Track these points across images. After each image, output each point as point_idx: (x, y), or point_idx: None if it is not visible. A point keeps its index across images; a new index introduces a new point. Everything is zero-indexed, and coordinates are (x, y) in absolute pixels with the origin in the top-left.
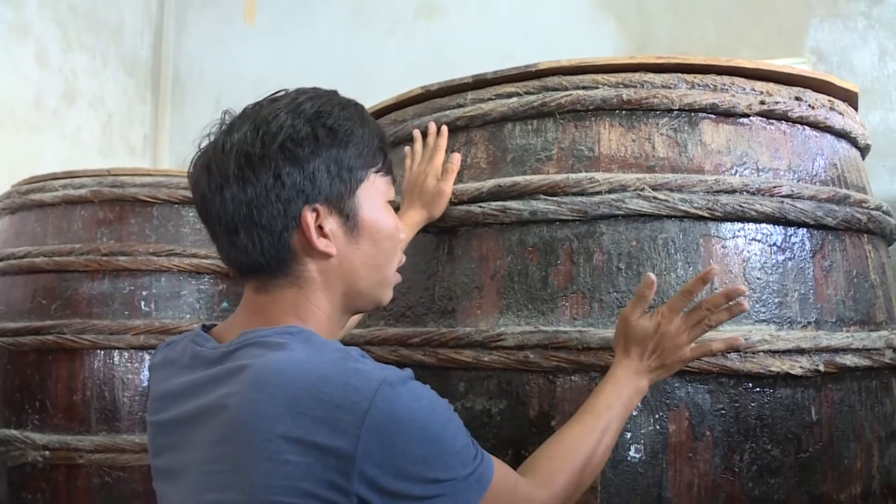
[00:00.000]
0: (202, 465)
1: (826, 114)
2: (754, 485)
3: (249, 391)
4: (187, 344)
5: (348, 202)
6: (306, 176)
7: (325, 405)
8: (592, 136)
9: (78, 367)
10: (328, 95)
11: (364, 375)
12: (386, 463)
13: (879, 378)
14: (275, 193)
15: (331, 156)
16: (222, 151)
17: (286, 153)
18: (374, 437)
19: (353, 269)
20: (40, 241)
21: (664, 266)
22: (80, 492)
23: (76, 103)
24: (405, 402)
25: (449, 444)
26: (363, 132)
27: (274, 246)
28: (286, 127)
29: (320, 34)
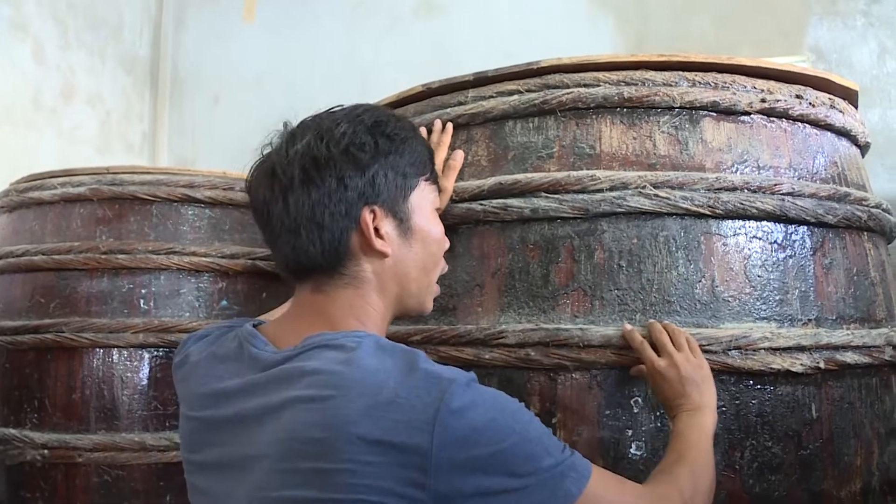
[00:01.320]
0: (275, 461)
1: (826, 112)
2: (755, 482)
3: (329, 395)
4: (241, 342)
5: (402, 206)
6: (367, 180)
7: (401, 407)
8: (594, 133)
9: (77, 365)
10: (382, 109)
11: (434, 377)
12: (460, 459)
13: (879, 375)
14: (338, 195)
15: (389, 162)
16: (286, 157)
17: (349, 157)
18: (447, 432)
19: (406, 270)
20: (39, 240)
21: (665, 264)
22: (79, 490)
23: (74, 101)
24: (472, 399)
25: (522, 434)
26: (415, 142)
27: (334, 245)
28: (349, 134)
29: (320, 32)
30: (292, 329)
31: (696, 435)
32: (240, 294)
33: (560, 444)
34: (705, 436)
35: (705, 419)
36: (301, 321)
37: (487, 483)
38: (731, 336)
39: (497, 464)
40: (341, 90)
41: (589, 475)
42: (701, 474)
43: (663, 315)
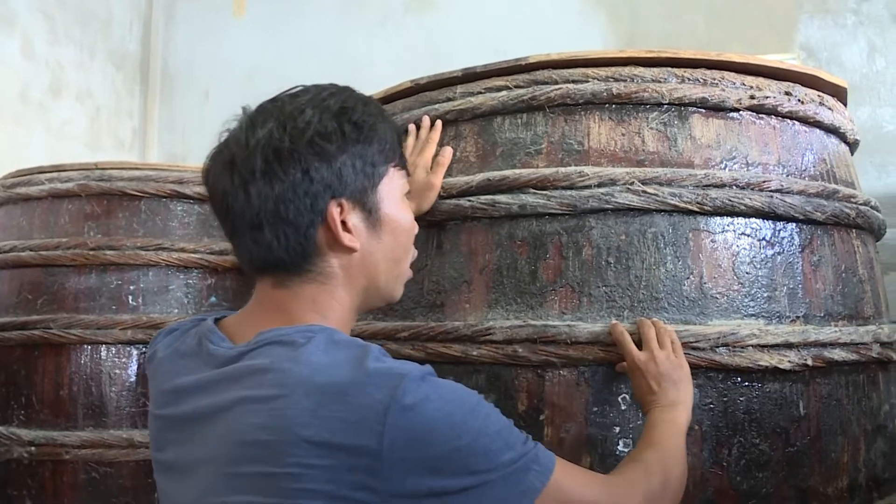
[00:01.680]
0: (221, 465)
1: (815, 109)
2: (742, 479)
3: (275, 395)
4: (200, 338)
5: (371, 197)
6: (333, 171)
7: (349, 406)
8: (582, 129)
9: (64, 362)
10: (349, 91)
11: (385, 373)
12: (414, 459)
13: (867, 372)
14: (303, 188)
15: (356, 151)
16: (246, 147)
17: (315, 148)
18: (399, 431)
19: (375, 263)
20: (26, 235)
21: (653, 260)
22: (67, 488)
23: (63, 96)
24: (426, 395)
25: (480, 429)
26: (384, 127)
27: (299, 241)
28: (314, 122)
29: (310, 27)
30: (250, 324)
31: (668, 429)
32: (229, 290)
33: (522, 436)
34: (678, 431)
35: (679, 415)
36: (259, 316)
37: (445, 483)
38: (719, 333)
39: (454, 462)
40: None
41: (553, 468)
42: (671, 467)
43: (651, 312)
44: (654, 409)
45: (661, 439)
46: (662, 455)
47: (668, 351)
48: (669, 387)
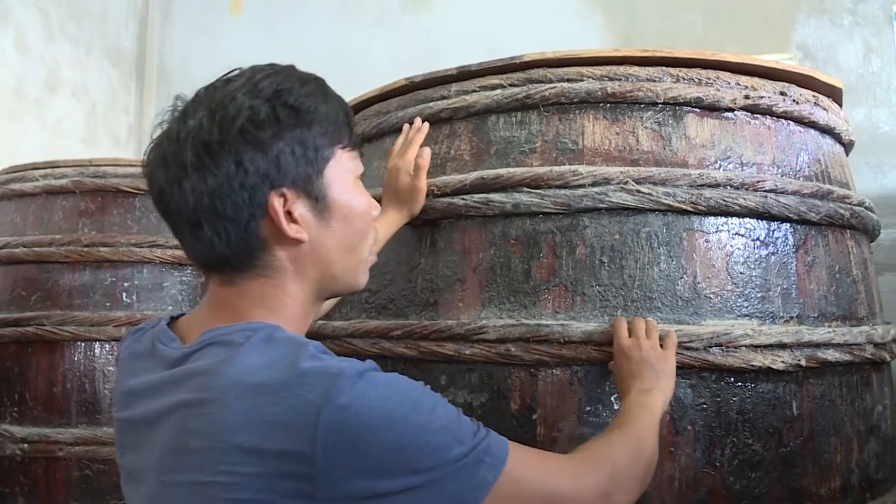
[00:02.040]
0: (159, 473)
1: (811, 109)
2: (735, 479)
3: (207, 399)
4: (153, 339)
5: (316, 183)
6: (270, 160)
7: (280, 409)
8: (576, 128)
9: (58, 358)
10: (286, 71)
11: (319, 372)
12: (353, 461)
13: (860, 373)
14: (238, 181)
15: (294, 136)
16: (177, 140)
17: (247, 137)
18: (333, 435)
19: (327, 253)
20: (20, 232)
21: (647, 260)
22: (60, 485)
23: (59, 92)
24: (362, 392)
25: (424, 425)
26: (327, 108)
27: (241, 237)
28: (244, 109)
29: (307, 25)
30: (199, 323)
31: (641, 413)
32: None
33: (472, 426)
34: (651, 415)
35: (654, 400)
36: (207, 315)
37: (388, 484)
38: (712, 333)
39: (397, 462)
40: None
41: (506, 457)
42: (639, 449)
43: (645, 311)
44: (630, 393)
45: (631, 421)
46: (631, 436)
47: (655, 342)
48: (649, 373)
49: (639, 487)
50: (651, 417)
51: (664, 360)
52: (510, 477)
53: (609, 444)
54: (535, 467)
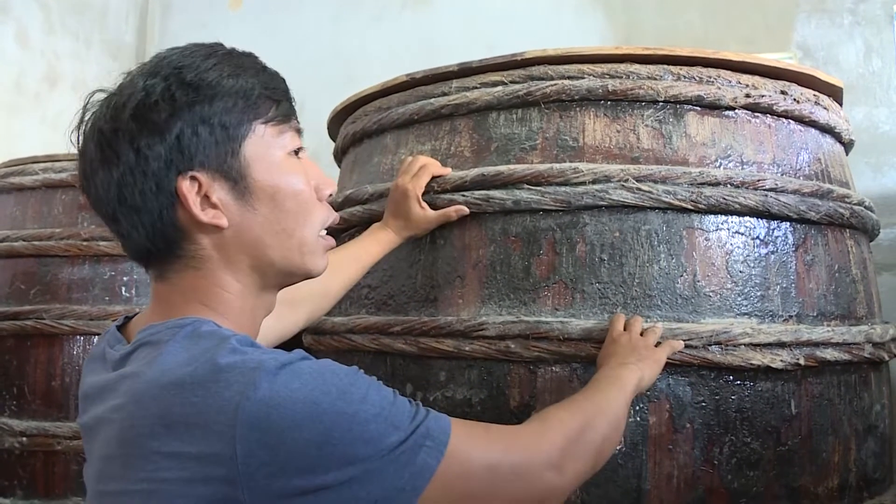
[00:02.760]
0: (95, 482)
1: (811, 108)
2: (733, 477)
3: (127, 405)
4: (105, 340)
5: (233, 164)
6: (170, 144)
7: (196, 409)
8: (577, 126)
9: (57, 352)
10: (197, 48)
11: (237, 367)
12: (278, 459)
13: (858, 372)
14: (140, 169)
15: (195, 115)
16: (84, 133)
17: (140, 122)
18: (254, 432)
19: (255, 238)
20: (19, 225)
21: (647, 258)
22: (58, 478)
23: (58, 87)
24: (284, 384)
25: (355, 414)
26: (235, 82)
27: (157, 227)
28: (137, 92)
29: (306, 20)
30: (141, 322)
31: (610, 384)
32: None
33: (409, 409)
34: (620, 388)
35: (628, 373)
36: (148, 313)
37: (320, 480)
38: (711, 331)
39: (328, 456)
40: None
41: (447, 438)
42: (597, 420)
43: (644, 309)
44: (605, 366)
45: (596, 391)
46: (591, 405)
47: (648, 339)
48: (631, 354)
49: (595, 458)
50: (620, 390)
51: (652, 350)
52: (455, 458)
53: (566, 413)
54: (481, 444)
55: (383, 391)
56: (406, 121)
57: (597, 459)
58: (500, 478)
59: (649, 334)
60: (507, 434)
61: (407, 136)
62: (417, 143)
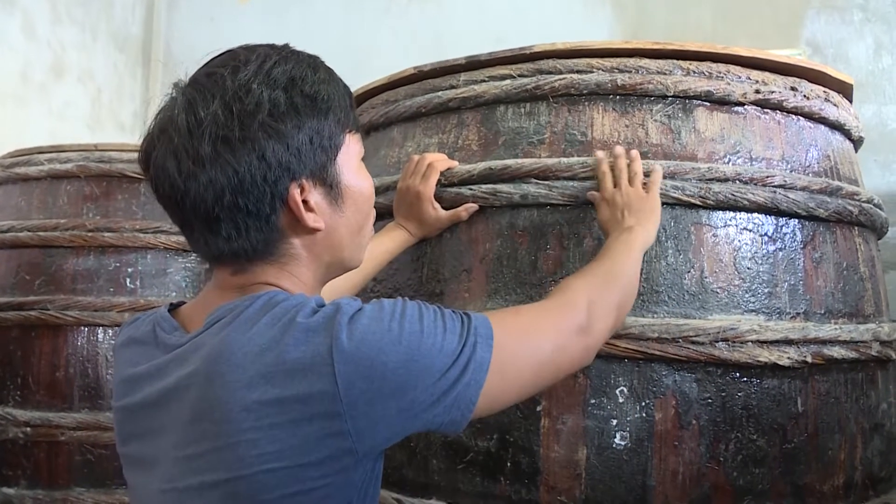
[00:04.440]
0: (177, 449)
1: (821, 105)
2: (739, 474)
3: (215, 365)
4: (154, 325)
5: (331, 171)
6: (292, 152)
7: (291, 358)
8: (586, 120)
9: (61, 343)
10: (294, 56)
11: (320, 316)
12: (374, 385)
13: (865, 370)
14: (261, 175)
15: (313, 126)
16: (189, 134)
17: (268, 131)
18: (349, 366)
19: (340, 238)
20: (24, 216)
21: (654, 253)
22: (62, 469)
23: (64, 77)
24: (361, 323)
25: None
26: (338, 94)
27: (261, 230)
28: (264, 102)
29: (314, 13)
30: (203, 309)
31: (620, 247)
32: None
33: (457, 317)
34: (629, 249)
35: (634, 236)
36: (215, 300)
37: (410, 395)
38: (718, 328)
39: (413, 372)
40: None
41: (492, 332)
42: (614, 281)
43: (651, 305)
44: (612, 234)
45: (608, 257)
46: (606, 269)
47: (638, 188)
48: (630, 216)
49: (616, 316)
50: (629, 251)
51: (646, 200)
52: (501, 347)
53: (584, 281)
54: (518, 329)
55: (431, 307)
56: (413, 114)
57: (618, 316)
58: (541, 353)
59: (636, 181)
60: (536, 313)
61: (414, 129)
62: (425, 136)
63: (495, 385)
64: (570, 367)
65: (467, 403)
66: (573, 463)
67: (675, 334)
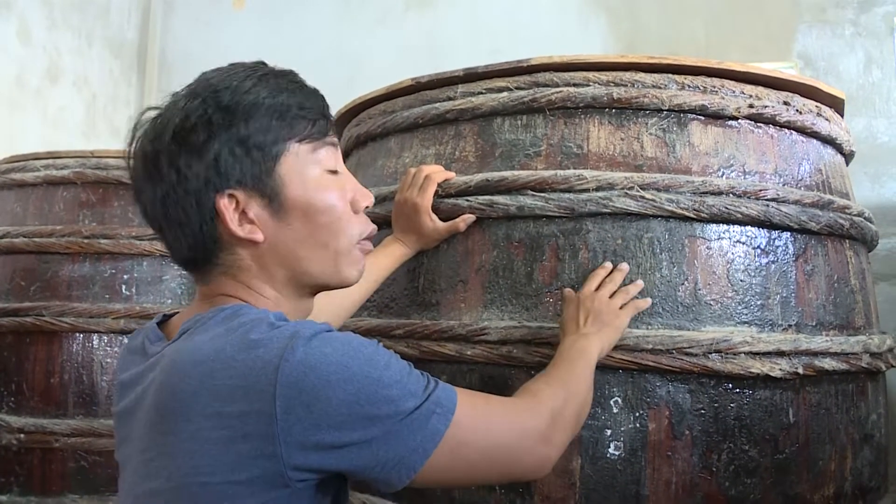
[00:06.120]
0: (137, 455)
1: (813, 119)
2: (731, 484)
3: (168, 375)
4: (144, 334)
5: (268, 182)
6: (208, 164)
7: (237, 372)
8: (582, 133)
9: (56, 349)
10: (239, 69)
11: (276, 335)
12: (312, 416)
13: (856, 382)
14: (182, 188)
15: (231, 136)
16: (129, 151)
17: (179, 143)
18: (291, 391)
19: (290, 251)
20: (20, 222)
21: (649, 265)
22: (55, 476)
23: (60, 83)
24: (318, 349)
25: (379, 378)
26: (272, 102)
27: (198, 240)
28: (177, 115)
29: (310, 21)
30: (182, 320)
31: (575, 355)
32: None
33: (422, 380)
34: (584, 359)
35: (590, 344)
36: (193, 308)
37: (346, 437)
38: (711, 339)
39: (355, 415)
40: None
41: (454, 407)
42: (574, 392)
43: (645, 316)
44: (568, 336)
45: (567, 365)
46: (565, 381)
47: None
48: (591, 323)
49: (574, 427)
50: (584, 361)
51: (614, 315)
52: (459, 425)
53: (551, 389)
54: (482, 413)
55: (401, 362)
56: (411, 125)
57: (575, 429)
58: (499, 447)
59: (617, 297)
60: (504, 405)
61: (411, 140)
62: (422, 147)
63: (443, 461)
64: (522, 470)
65: (408, 469)
66: (567, 472)
67: (669, 345)
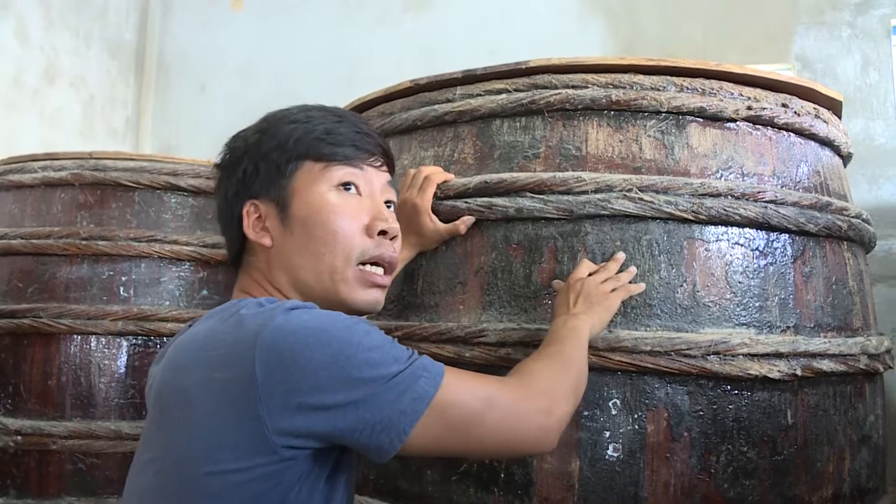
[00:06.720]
0: (145, 428)
1: (811, 121)
2: (729, 486)
3: (171, 354)
4: None
5: (283, 193)
6: (238, 177)
7: (224, 343)
8: (580, 135)
9: (53, 351)
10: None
11: (262, 311)
12: (292, 378)
13: (854, 383)
14: (225, 199)
15: (257, 153)
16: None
17: (228, 163)
18: (271, 354)
19: (289, 257)
20: (18, 223)
21: (647, 267)
22: (52, 478)
23: (57, 83)
24: (297, 316)
25: (359, 342)
26: (293, 127)
27: (232, 240)
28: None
29: (308, 21)
30: None
31: (566, 334)
32: (220, 284)
33: (408, 351)
34: (576, 337)
35: (580, 323)
36: None
37: (329, 399)
38: (710, 341)
39: (336, 377)
40: (329, 81)
41: (442, 372)
42: (569, 367)
43: (644, 318)
44: (559, 317)
45: (555, 342)
46: (557, 359)
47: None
48: (581, 303)
49: (573, 401)
50: (576, 339)
51: (604, 297)
52: (449, 388)
53: (543, 365)
54: (471, 384)
55: (384, 334)
56: (409, 126)
57: (574, 403)
58: (496, 409)
59: (609, 282)
60: (495, 381)
61: (410, 141)
62: (420, 148)
63: (433, 426)
64: (520, 440)
65: (398, 432)
66: (566, 474)
67: (668, 347)
